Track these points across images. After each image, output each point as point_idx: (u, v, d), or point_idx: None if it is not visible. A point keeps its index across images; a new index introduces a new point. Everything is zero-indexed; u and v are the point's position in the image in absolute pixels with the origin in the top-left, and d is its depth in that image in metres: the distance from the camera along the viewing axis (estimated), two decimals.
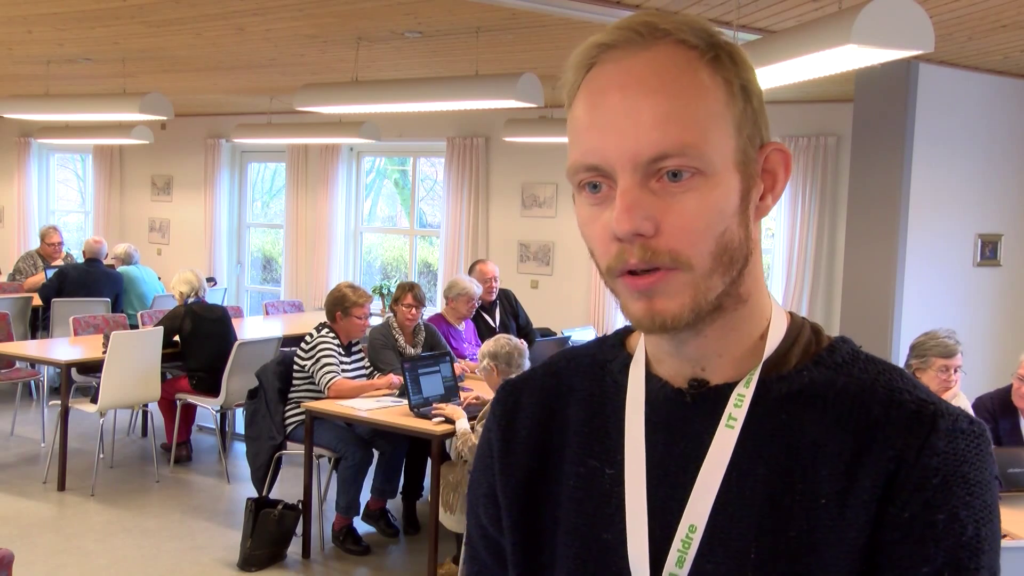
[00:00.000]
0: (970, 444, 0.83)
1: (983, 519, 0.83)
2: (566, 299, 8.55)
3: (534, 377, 1.03)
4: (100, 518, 5.40)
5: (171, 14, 5.15)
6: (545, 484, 0.97)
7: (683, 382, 0.91)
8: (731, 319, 0.88)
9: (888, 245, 5.79)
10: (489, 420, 1.04)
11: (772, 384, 0.88)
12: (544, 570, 0.96)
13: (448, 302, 6.15)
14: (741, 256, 0.85)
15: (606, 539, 0.91)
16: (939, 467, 0.81)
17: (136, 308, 8.01)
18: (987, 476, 0.84)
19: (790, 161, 0.89)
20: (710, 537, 0.86)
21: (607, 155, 0.82)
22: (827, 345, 0.91)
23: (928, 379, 3.85)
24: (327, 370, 5.03)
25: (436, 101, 5.72)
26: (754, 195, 0.86)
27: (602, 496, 0.93)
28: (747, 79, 0.86)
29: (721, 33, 0.86)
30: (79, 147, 11.99)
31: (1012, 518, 3.22)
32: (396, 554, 5.16)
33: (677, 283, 0.83)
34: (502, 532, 1.00)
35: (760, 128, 0.87)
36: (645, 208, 0.81)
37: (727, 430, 0.87)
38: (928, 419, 0.83)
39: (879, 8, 3.15)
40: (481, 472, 1.03)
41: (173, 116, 6.66)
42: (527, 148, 8.43)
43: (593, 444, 0.95)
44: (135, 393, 6.00)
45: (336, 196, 9.86)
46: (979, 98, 6.05)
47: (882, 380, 0.87)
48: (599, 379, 0.98)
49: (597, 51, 0.85)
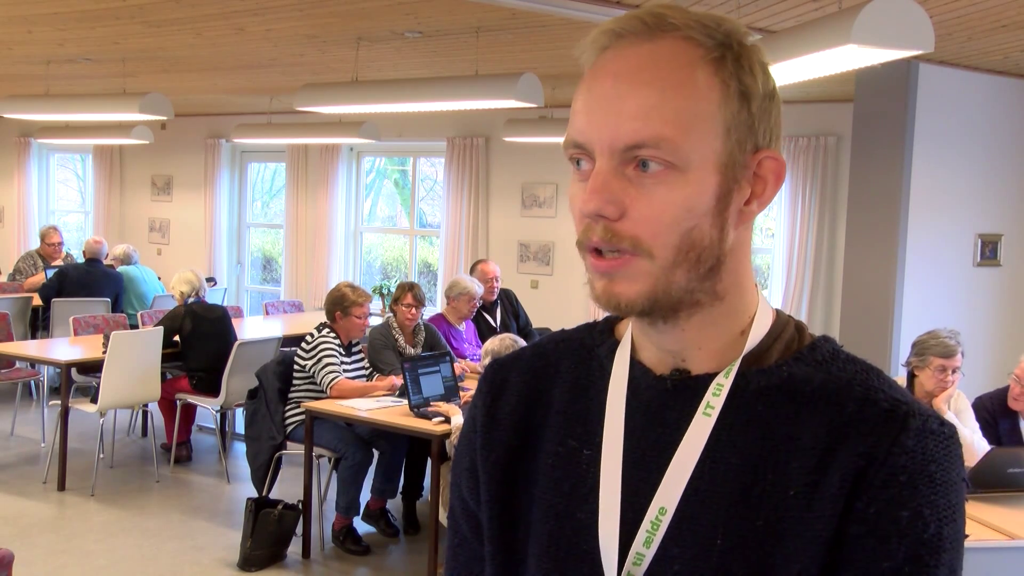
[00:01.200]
0: (939, 444, 0.84)
1: (946, 518, 0.83)
2: (566, 299, 8.55)
3: (522, 357, 1.05)
4: (100, 518, 5.40)
5: (171, 14, 5.15)
6: (524, 461, 0.99)
7: (665, 370, 0.93)
8: (708, 314, 0.90)
9: (888, 245, 5.79)
10: (475, 396, 1.06)
11: (751, 377, 0.90)
12: (518, 545, 0.98)
13: (449, 302, 6.14)
14: (711, 256, 0.87)
15: (579, 518, 0.93)
16: (906, 465, 0.83)
17: (136, 308, 8.01)
18: (953, 476, 0.85)
19: (783, 171, 0.89)
20: (679, 521, 0.88)
21: (589, 136, 0.85)
22: (809, 343, 0.93)
23: (925, 378, 3.84)
24: (329, 370, 5.03)
25: (436, 101, 5.72)
26: (736, 198, 0.87)
27: (578, 476, 0.95)
28: (748, 84, 0.86)
29: (744, 35, 0.87)
30: (79, 147, 11.99)
31: (1012, 518, 3.22)
32: (396, 554, 5.16)
33: (636, 270, 0.85)
34: (480, 506, 1.02)
35: (756, 134, 0.87)
36: (613, 192, 0.84)
37: (704, 418, 0.89)
38: (900, 418, 0.85)
39: (879, 8, 3.15)
40: (464, 447, 1.05)
41: (173, 116, 6.66)
42: (527, 148, 8.43)
43: (574, 425, 0.97)
44: (135, 393, 6.00)
45: (336, 196, 9.86)
46: (979, 98, 6.05)
47: (859, 379, 0.89)
48: (585, 362, 1.00)
49: (607, 37, 0.87)
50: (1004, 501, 3.38)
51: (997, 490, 3.41)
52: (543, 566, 0.95)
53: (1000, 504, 3.35)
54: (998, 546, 3.06)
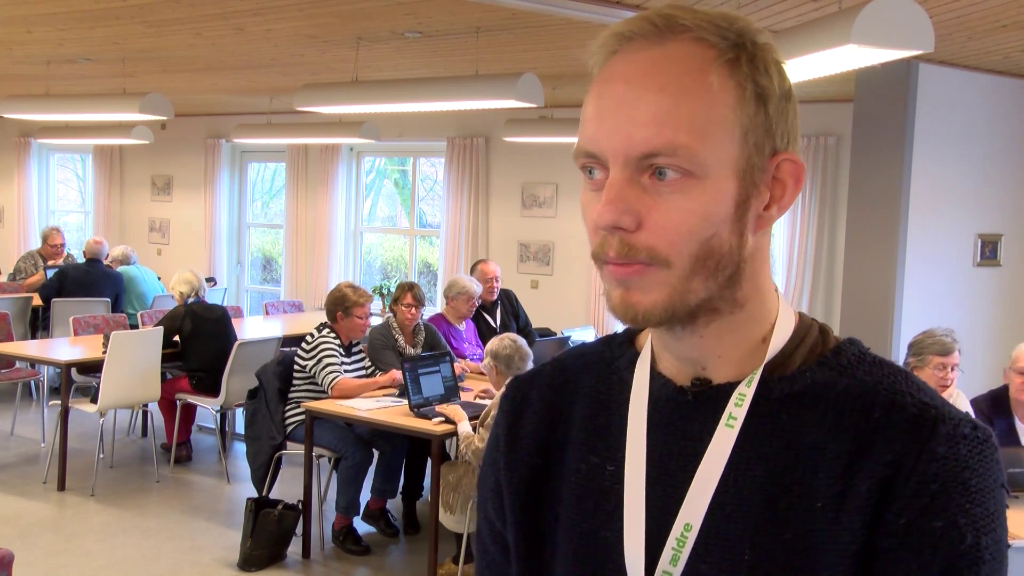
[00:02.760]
0: (972, 450, 0.80)
1: (984, 527, 0.79)
2: (566, 299, 8.55)
3: (543, 374, 1.03)
4: (100, 518, 5.40)
5: (171, 14, 5.15)
6: (548, 480, 0.97)
7: (686, 380, 0.91)
8: (728, 322, 0.88)
9: (888, 245, 5.79)
10: (498, 416, 1.04)
11: (774, 385, 0.87)
12: (546, 566, 0.97)
13: (448, 301, 6.15)
14: (731, 263, 0.84)
15: (605, 536, 0.91)
16: (938, 473, 0.79)
17: (136, 308, 8.01)
18: (990, 483, 0.80)
19: (802, 173, 0.86)
20: (705, 537, 0.85)
21: (602, 145, 0.83)
22: (833, 347, 0.90)
23: (925, 377, 3.84)
24: (330, 369, 5.03)
25: (436, 101, 5.72)
26: (755, 204, 0.85)
27: (602, 493, 0.93)
28: (764, 85, 0.83)
29: (758, 34, 0.84)
30: (79, 147, 11.99)
31: (1012, 518, 3.21)
32: (396, 554, 5.16)
33: (653, 279, 0.83)
34: (507, 526, 1.00)
35: (773, 136, 0.84)
36: (629, 202, 0.81)
37: (726, 429, 0.86)
38: (929, 423, 0.81)
39: (879, 8, 3.15)
40: (489, 467, 1.03)
41: (173, 116, 6.66)
42: (527, 148, 8.43)
43: (595, 441, 0.95)
44: (135, 393, 6.00)
45: (336, 196, 9.86)
46: (979, 98, 6.05)
47: (885, 383, 0.85)
48: (605, 376, 0.98)
49: (616, 41, 0.85)
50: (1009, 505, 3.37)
51: None
52: None
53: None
54: None
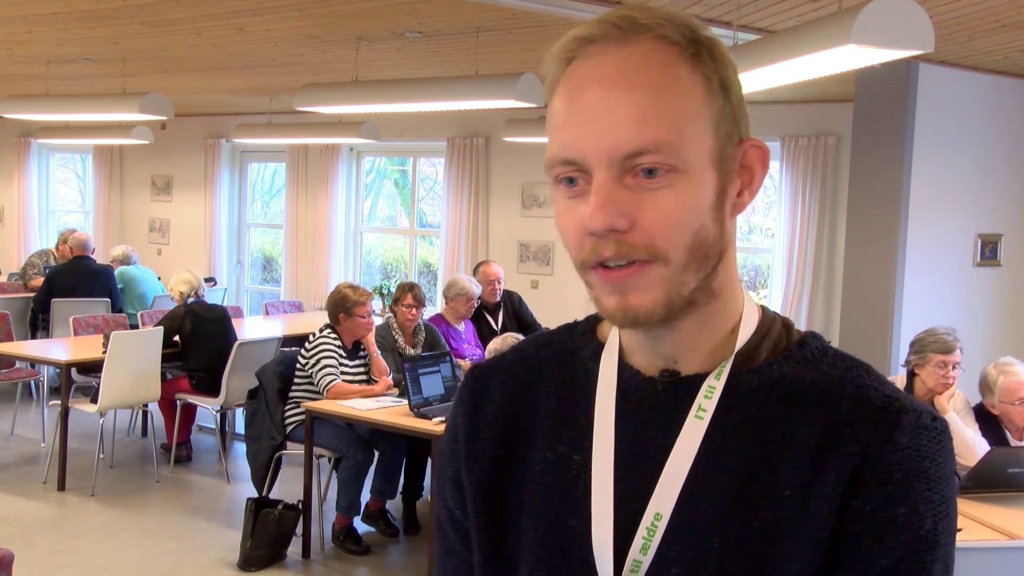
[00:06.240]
0: (932, 440, 0.85)
1: (941, 513, 0.84)
2: (566, 299, 8.54)
3: (504, 363, 1.03)
4: (100, 518, 5.40)
5: (171, 14, 5.15)
6: (511, 470, 0.97)
7: (654, 372, 0.92)
8: (703, 313, 0.89)
9: (888, 245, 5.78)
10: (456, 405, 1.03)
11: (743, 377, 0.89)
12: (509, 554, 0.97)
13: (447, 302, 6.15)
14: (716, 252, 0.86)
15: (572, 524, 0.92)
16: (901, 462, 0.83)
17: (136, 308, 8.01)
18: (946, 471, 0.85)
19: (768, 157, 0.89)
20: (675, 526, 0.87)
21: (584, 150, 0.83)
22: (797, 340, 0.92)
23: (926, 375, 3.85)
24: (325, 372, 5.03)
25: (436, 101, 5.72)
26: (731, 191, 0.87)
27: (569, 482, 0.93)
28: (726, 75, 0.86)
29: (703, 28, 0.86)
30: (79, 147, 11.99)
31: (1012, 518, 3.22)
32: (396, 554, 5.17)
33: (651, 277, 0.84)
34: (467, 516, 1.00)
35: (739, 124, 0.87)
36: (620, 203, 0.82)
37: (696, 420, 0.88)
38: (893, 415, 0.85)
39: (879, 8, 3.15)
40: (447, 456, 1.03)
41: (173, 116, 6.66)
42: (527, 148, 8.42)
43: (562, 430, 0.95)
44: (135, 393, 6.00)
45: (336, 196, 9.85)
46: (979, 98, 6.05)
47: (850, 376, 0.88)
48: (569, 366, 0.98)
49: (576, 45, 0.85)
50: (1004, 501, 3.38)
51: (997, 490, 3.41)
52: (536, 575, 0.93)
53: (1000, 504, 3.35)
54: (998, 546, 3.06)
